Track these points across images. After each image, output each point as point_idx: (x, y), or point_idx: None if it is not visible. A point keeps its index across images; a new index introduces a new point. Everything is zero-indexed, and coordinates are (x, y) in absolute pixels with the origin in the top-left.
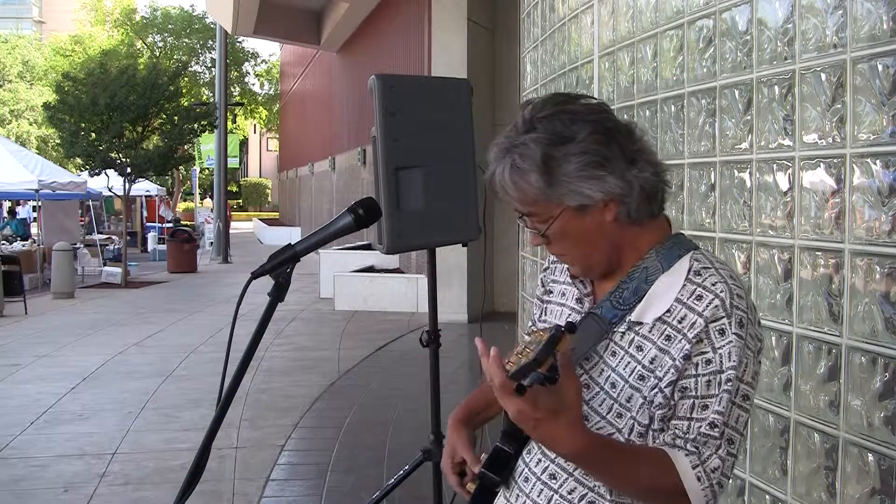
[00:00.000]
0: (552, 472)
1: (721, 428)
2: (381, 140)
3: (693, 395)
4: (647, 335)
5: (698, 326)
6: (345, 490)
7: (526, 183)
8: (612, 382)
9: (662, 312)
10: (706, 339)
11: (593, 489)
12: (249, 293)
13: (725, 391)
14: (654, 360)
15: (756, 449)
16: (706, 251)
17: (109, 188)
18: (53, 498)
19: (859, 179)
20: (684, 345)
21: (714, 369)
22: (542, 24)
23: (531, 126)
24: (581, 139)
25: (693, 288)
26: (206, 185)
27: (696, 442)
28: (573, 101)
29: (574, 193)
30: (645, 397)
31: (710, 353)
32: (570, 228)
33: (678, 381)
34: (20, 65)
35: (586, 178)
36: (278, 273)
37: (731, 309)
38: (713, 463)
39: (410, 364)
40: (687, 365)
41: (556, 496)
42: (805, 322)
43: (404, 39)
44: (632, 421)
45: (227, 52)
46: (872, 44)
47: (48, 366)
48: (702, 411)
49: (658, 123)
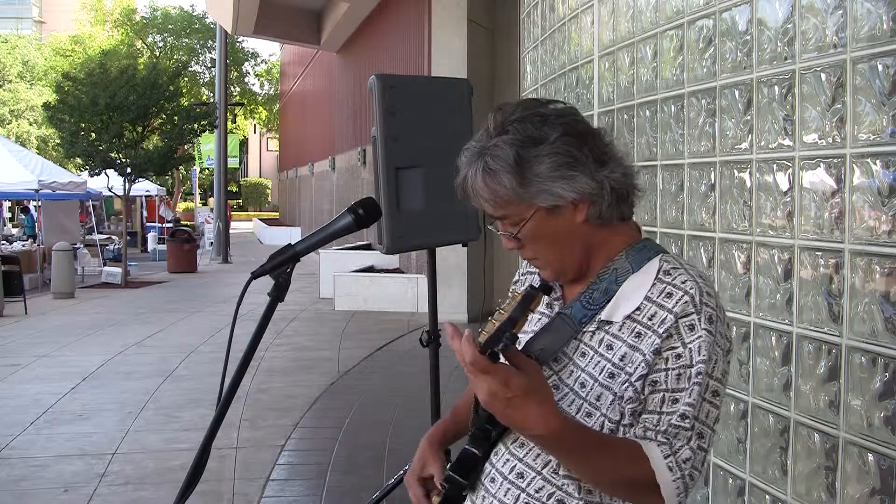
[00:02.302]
0: (520, 470)
1: (692, 420)
2: (381, 140)
3: (663, 388)
4: (617, 333)
5: (668, 322)
6: (345, 490)
7: (499, 184)
8: (581, 382)
9: (632, 310)
10: (676, 334)
11: (561, 487)
12: (249, 293)
13: (696, 384)
14: (623, 357)
15: (756, 449)
16: (676, 254)
17: (109, 188)
18: (53, 498)
19: (859, 179)
20: (654, 339)
21: (684, 363)
22: (542, 24)
23: (503, 129)
24: (552, 140)
25: (663, 286)
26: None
27: (667, 434)
28: (543, 106)
29: (546, 194)
30: (615, 394)
31: (679, 348)
32: (542, 230)
33: (648, 376)
34: (20, 65)
35: (558, 178)
36: (278, 273)
37: (700, 305)
38: (684, 454)
39: (410, 364)
40: (657, 359)
41: (523, 495)
42: (805, 322)
43: (404, 39)
44: (602, 419)
45: (227, 52)
46: (872, 44)
47: (48, 366)
48: (672, 405)
49: (658, 123)
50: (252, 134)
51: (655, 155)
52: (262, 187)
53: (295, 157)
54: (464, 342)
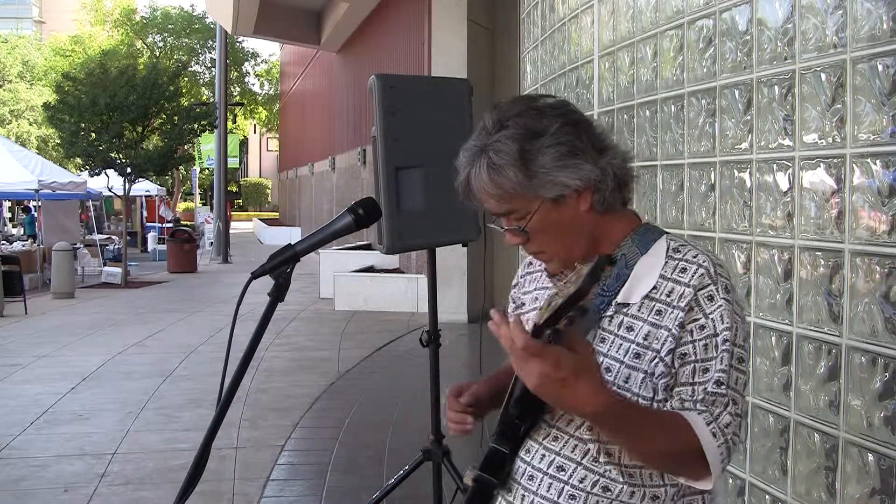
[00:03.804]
0: (559, 464)
1: (726, 387)
2: (381, 140)
3: (693, 360)
4: (637, 314)
5: (687, 296)
6: (345, 490)
7: (504, 178)
8: (606, 368)
9: (649, 290)
10: (697, 306)
11: (604, 474)
12: (249, 293)
13: (724, 351)
14: (648, 335)
15: (756, 449)
16: (677, 235)
17: (109, 188)
18: (53, 498)
19: (859, 179)
20: (677, 314)
21: (709, 333)
22: (542, 24)
23: (502, 125)
24: (553, 132)
25: (675, 263)
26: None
27: (704, 402)
28: (537, 100)
29: (551, 184)
30: (645, 371)
31: (702, 319)
32: (548, 221)
33: (676, 349)
34: (20, 65)
35: (563, 168)
36: (278, 273)
37: (716, 276)
38: (724, 419)
39: (410, 364)
40: (682, 333)
41: (567, 487)
42: (805, 322)
43: (404, 39)
44: (635, 398)
45: (227, 52)
46: (872, 44)
47: (48, 366)
48: (703, 374)
49: (658, 123)
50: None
51: (655, 155)
52: (262, 187)
53: (295, 157)
54: (513, 328)
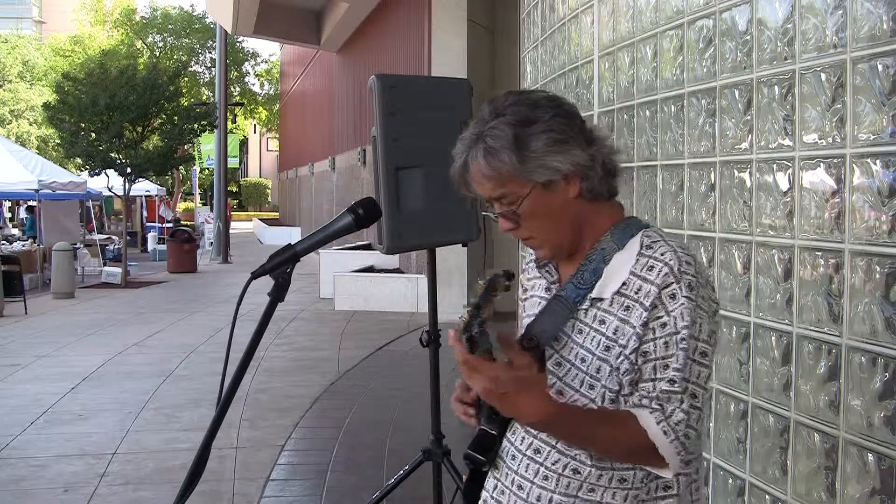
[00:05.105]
0: (536, 446)
1: (681, 384)
2: (381, 140)
3: (654, 357)
4: (608, 309)
5: (652, 295)
6: (345, 490)
7: (500, 161)
8: (581, 358)
9: (620, 286)
10: (660, 304)
11: (574, 457)
12: (249, 293)
13: (682, 349)
14: (616, 330)
15: (756, 449)
16: (657, 228)
17: (109, 188)
18: (53, 498)
19: (859, 179)
20: (642, 312)
21: (670, 331)
22: (542, 24)
23: (498, 114)
24: (546, 120)
25: (645, 260)
26: (206, 185)
27: (659, 399)
28: (531, 93)
29: (544, 168)
30: (612, 365)
31: (664, 317)
32: (538, 206)
33: (640, 347)
34: (20, 65)
35: (554, 153)
36: (278, 273)
37: (679, 274)
38: (677, 417)
39: (410, 364)
40: (646, 331)
41: (542, 468)
42: (805, 322)
43: (404, 39)
44: (602, 389)
45: (227, 52)
46: (872, 44)
47: (48, 366)
48: (663, 371)
49: (658, 123)
50: (252, 134)
51: (655, 155)
52: (262, 187)
53: (295, 157)
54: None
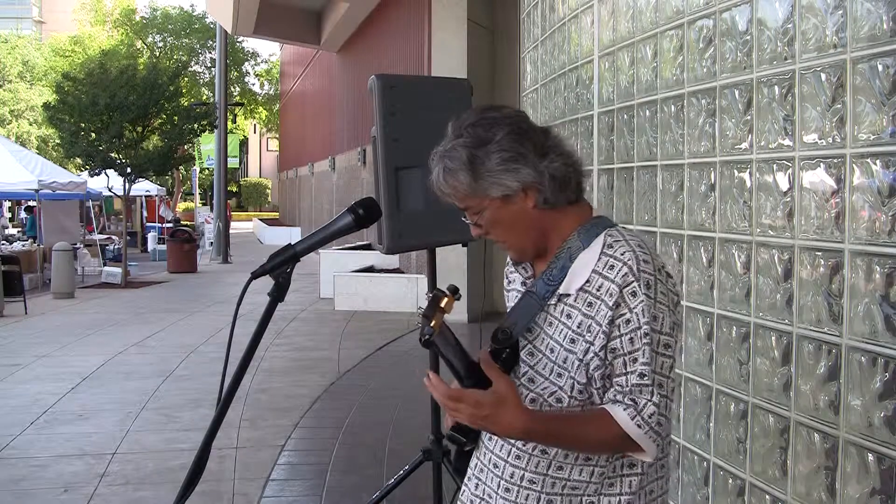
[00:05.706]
0: None
1: (650, 376)
2: (381, 140)
3: (622, 353)
4: (573, 304)
5: (615, 293)
6: (345, 490)
7: (457, 181)
8: (550, 348)
9: (583, 283)
10: (622, 302)
11: None
12: (249, 293)
13: (646, 343)
14: (580, 324)
15: (756, 449)
16: (621, 228)
17: (109, 188)
18: (53, 498)
19: (859, 179)
20: (606, 311)
21: (634, 327)
22: (542, 24)
23: (459, 133)
24: (499, 139)
25: (606, 259)
26: (206, 185)
27: (631, 394)
28: (495, 110)
29: (497, 185)
30: (580, 359)
31: (627, 314)
32: (499, 217)
33: (608, 344)
34: (20, 65)
35: (505, 171)
36: (278, 273)
37: (638, 273)
38: (649, 410)
39: (410, 364)
40: (612, 329)
41: (514, 449)
42: (805, 322)
43: (404, 39)
44: (570, 380)
45: (227, 52)
46: (872, 44)
47: (48, 366)
48: (632, 364)
49: (658, 123)
50: (252, 134)
51: (655, 155)
52: (262, 187)
53: (295, 157)
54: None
